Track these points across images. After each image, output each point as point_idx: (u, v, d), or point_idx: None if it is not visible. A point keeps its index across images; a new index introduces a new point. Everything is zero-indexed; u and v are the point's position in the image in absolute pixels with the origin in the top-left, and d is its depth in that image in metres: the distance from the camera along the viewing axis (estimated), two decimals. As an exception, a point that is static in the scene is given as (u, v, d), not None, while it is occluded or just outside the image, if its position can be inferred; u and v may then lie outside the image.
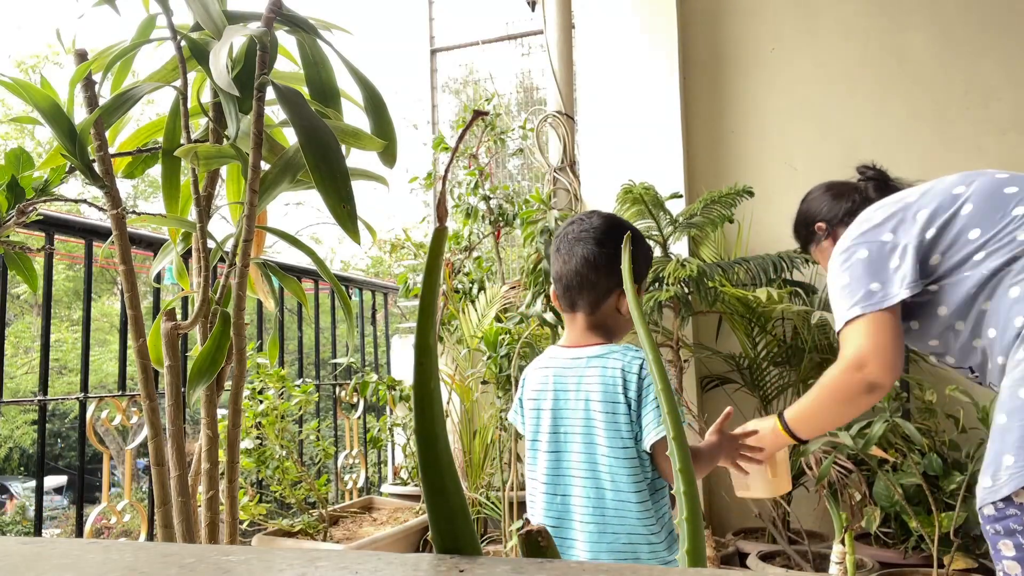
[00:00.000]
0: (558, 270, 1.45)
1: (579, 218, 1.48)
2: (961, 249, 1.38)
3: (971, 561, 2.04)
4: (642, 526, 1.32)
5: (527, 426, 1.46)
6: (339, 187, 1.03)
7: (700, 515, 0.50)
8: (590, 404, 1.37)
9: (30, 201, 1.12)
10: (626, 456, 1.33)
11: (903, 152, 2.91)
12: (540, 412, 1.43)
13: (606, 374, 1.35)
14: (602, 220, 1.46)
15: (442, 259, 0.45)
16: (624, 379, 1.33)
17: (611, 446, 1.33)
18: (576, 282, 1.42)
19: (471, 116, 0.74)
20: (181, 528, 1.15)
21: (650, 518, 1.33)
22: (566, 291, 1.44)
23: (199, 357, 1.16)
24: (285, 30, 1.21)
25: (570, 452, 1.38)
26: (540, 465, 1.42)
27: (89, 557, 0.42)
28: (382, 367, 3.80)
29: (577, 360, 1.41)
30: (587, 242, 1.42)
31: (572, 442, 1.38)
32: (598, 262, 1.40)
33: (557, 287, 1.47)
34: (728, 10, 3.20)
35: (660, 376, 0.53)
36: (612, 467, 1.33)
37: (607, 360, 1.37)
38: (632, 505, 1.32)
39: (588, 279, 1.41)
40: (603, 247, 1.41)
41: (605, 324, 1.43)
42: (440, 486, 0.41)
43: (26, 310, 13.24)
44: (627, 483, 1.32)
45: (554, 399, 1.41)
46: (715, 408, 2.96)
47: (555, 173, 3.26)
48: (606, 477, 1.34)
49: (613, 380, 1.34)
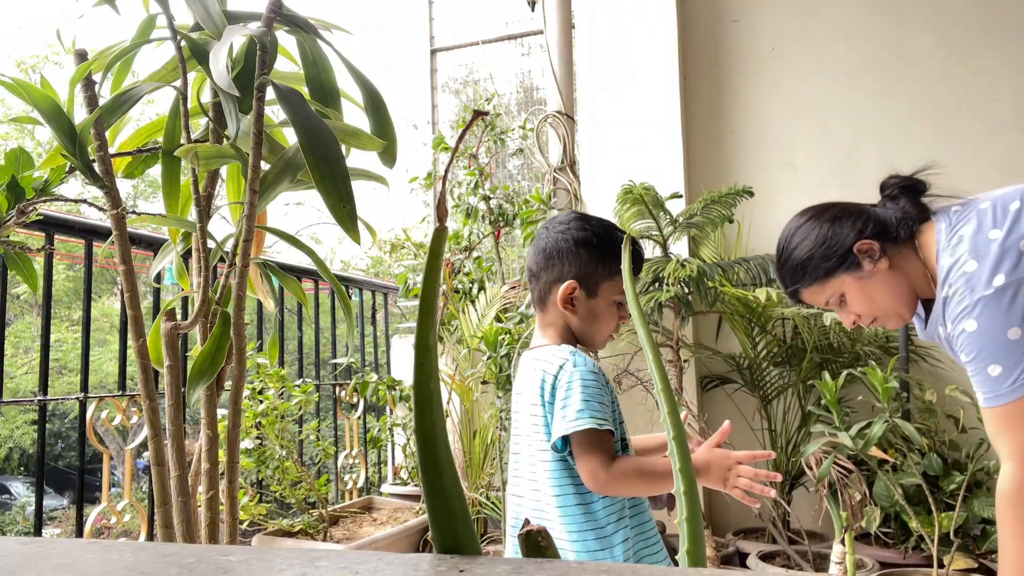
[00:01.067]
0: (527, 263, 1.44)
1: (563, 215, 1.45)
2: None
3: (971, 561, 2.04)
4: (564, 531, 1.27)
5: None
6: (339, 187, 1.03)
7: (700, 515, 0.50)
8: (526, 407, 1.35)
9: (30, 201, 1.12)
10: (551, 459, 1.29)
11: (903, 152, 2.91)
12: (513, 414, 1.45)
13: (535, 376, 1.32)
14: (570, 214, 1.42)
15: (442, 259, 0.45)
16: (543, 380, 1.29)
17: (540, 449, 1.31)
18: (529, 274, 1.40)
19: (471, 116, 0.74)
20: (181, 528, 1.15)
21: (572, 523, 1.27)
22: (529, 282, 1.43)
23: (199, 357, 1.16)
24: (285, 30, 1.21)
25: (522, 454, 1.38)
26: (511, 465, 1.43)
27: (89, 557, 0.42)
28: (382, 367, 3.80)
29: (527, 362, 1.39)
30: (544, 233, 1.40)
31: (519, 443, 1.39)
32: (546, 252, 1.36)
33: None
34: (728, 10, 3.21)
35: (660, 376, 0.53)
36: (536, 469, 1.32)
37: (538, 362, 1.33)
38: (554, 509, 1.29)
39: (531, 270, 1.39)
40: (550, 238, 1.37)
41: (558, 323, 1.37)
42: (440, 486, 0.41)
43: (26, 310, 13.24)
44: (549, 485, 1.29)
45: (515, 400, 1.43)
46: (715, 408, 2.96)
47: (555, 173, 3.26)
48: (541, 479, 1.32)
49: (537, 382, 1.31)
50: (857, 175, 2.97)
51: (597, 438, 1.23)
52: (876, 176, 2.96)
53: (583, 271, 1.35)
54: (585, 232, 1.37)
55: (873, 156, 2.96)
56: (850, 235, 1.46)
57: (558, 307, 1.36)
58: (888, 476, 2.08)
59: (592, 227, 1.38)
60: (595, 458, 1.21)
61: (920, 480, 1.98)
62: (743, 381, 2.78)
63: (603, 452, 1.22)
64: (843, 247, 1.45)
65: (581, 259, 1.35)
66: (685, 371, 2.68)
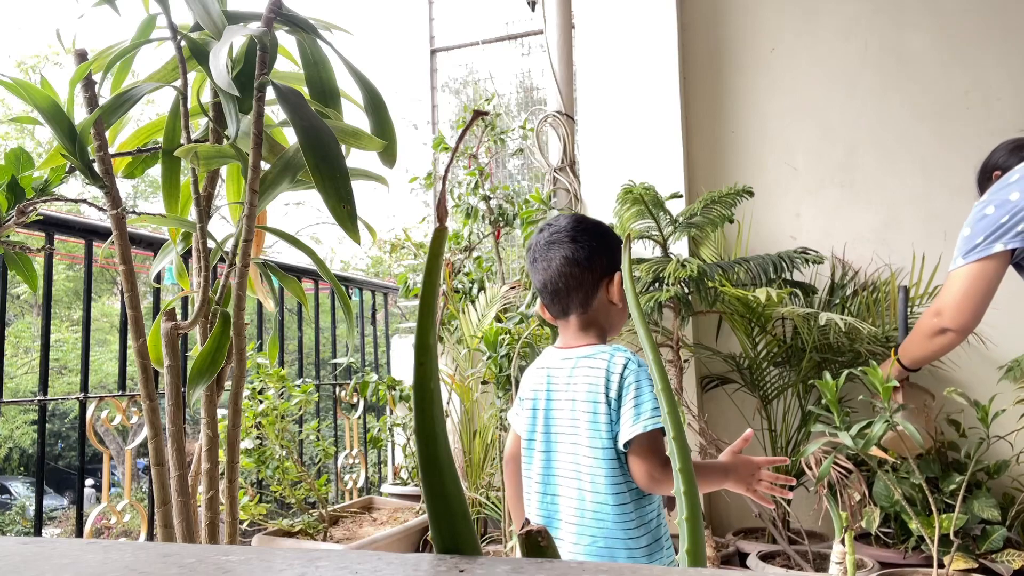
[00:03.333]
0: (541, 279, 1.44)
1: (545, 225, 1.48)
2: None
3: (971, 561, 2.04)
4: (620, 530, 1.30)
5: (524, 425, 1.46)
6: (339, 187, 1.03)
7: (700, 515, 0.50)
8: (576, 404, 1.36)
9: (30, 201, 1.12)
10: (606, 458, 1.31)
11: (903, 152, 2.91)
12: (535, 412, 1.44)
13: (591, 374, 1.35)
14: (569, 219, 1.46)
15: (442, 259, 0.45)
16: (607, 379, 1.32)
17: (592, 447, 1.33)
18: (563, 284, 1.41)
19: (471, 116, 0.74)
20: (181, 528, 1.15)
21: (629, 522, 1.30)
22: (555, 296, 1.43)
23: (199, 357, 1.16)
24: (285, 30, 1.21)
25: (559, 452, 1.39)
26: (535, 464, 1.42)
27: (89, 557, 0.42)
28: (382, 367, 3.79)
29: (567, 360, 1.41)
30: (562, 244, 1.42)
31: (561, 442, 1.39)
32: (578, 258, 1.40)
33: (544, 296, 1.46)
34: (728, 10, 3.21)
35: (660, 376, 0.53)
36: (592, 468, 1.32)
37: (593, 360, 1.36)
38: (610, 508, 1.30)
39: (574, 276, 1.40)
40: (578, 243, 1.41)
41: (598, 321, 1.42)
42: (440, 486, 0.41)
43: (26, 310, 13.24)
44: (606, 485, 1.31)
45: (547, 399, 1.42)
46: (715, 408, 2.96)
47: (555, 173, 3.26)
48: (586, 478, 1.33)
49: (596, 380, 1.34)
50: (857, 175, 2.98)
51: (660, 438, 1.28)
52: (876, 176, 2.97)
53: (615, 261, 1.43)
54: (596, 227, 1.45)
55: (873, 156, 2.96)
56: (997, 161, 1.97)
57: (606, 302, 1.41)
58: (888, 476, 2.08)
59: (593, 222, 1.47)
60: (657, 458, 1.27)
61: (920, 480, 1.98)
62: (743, 381, 2.78)
63: (662, 452, 1.28)
64: (989, 171, 1.98)
65: (610, 250, 1.43)
66: (685, 371, 2.68)
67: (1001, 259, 1.66)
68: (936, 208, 2.81)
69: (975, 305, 1.69)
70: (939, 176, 2.83)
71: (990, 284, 1.68)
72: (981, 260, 1.65)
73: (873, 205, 2.94)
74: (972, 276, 1.67)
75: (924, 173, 2.88)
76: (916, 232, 2.84)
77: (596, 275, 1.41)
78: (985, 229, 1.66)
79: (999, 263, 1.66)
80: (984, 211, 1.68)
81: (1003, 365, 2.55)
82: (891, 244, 2.88)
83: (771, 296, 2.26)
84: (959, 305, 1.70)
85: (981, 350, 2.65)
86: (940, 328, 1.76)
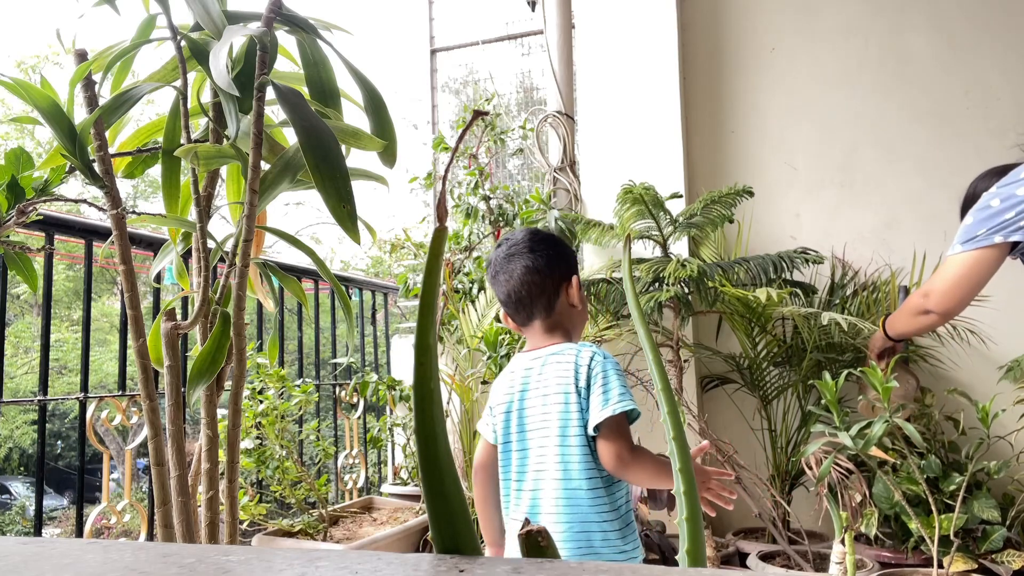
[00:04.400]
0: (505, 289, 1.53)
1: (504, 239, 1.59)
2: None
3: (971, 562, 2.04)
4: (594, 513, 1.38)
5: (498, 430, 1.53)
6: (339, 187, 1.03)
7: (700, 515, 0.50)
8: (547, 399, 1.44)
9: (30, 201, 1.12)
10: (578, 444, 1.39)
11: (903, 152, 2.91)
12: (509, 415, 1.51)
13: (560, 369, 1.44)
14: (524, 233, 1.58)
15: (442, 259, 0.45)
16: (575, 371, 1.41)
17: (562, 435, 1.41)
18: (526, 291, 1.51)
19: (471, 116, 0.74)
20: (181, 528, 1.15)
21: (602, 507, 1.38)
22: (519, 305, 1.53)
23: (199, 357, 1.16)
24: (285, 30, 1.20)
25: (533, 448, 1.46)
26: (513, 464, 1.49)
27: (89, 557, 0.42)
28: (382, 367, 3.79)
29: (536, 360, 1.49)
30: (521, 255, 1.52)
31: (533, 437, 1.46)
32: (538, 266, 1.50)
33: (507, 308, 1.56)
34: (728, 10, 3.21)
35: (660, 376, 0.53)
36: (564, 457, 1.40)
37: (562, 356, 1.45)
38: (583, 493, 1.38)
39: (536, 284, 1.50)
40: (536, 252, 1.52)
41: (562, 323, 1.52)
42: (440, 486, 0.41)
43: (26, 310, 13.24)
44: (578, 472, 1.39)
45: (519, 399, 1.50)
46: (715, 408, 2.96)
47: (555, 173, 3.26)
48: (560, 467, 1.40)
49: (566, 373, 1.42)
50: (857, 175, 2.97)
51: (627, 423, 1.38)
52: (876, 176, 2.97)
53: (572, 267, 1.56)
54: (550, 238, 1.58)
55: (873, 156, 2.96)
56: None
57: (567, 305, 1.52)
58: (888, 477, 2.08)
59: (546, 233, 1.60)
60: (624, 440, 1.35)
61: (921, 481, 1.98)
62: (743, 381, 2.78)
63: (629, 436, 1.37)
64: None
65: (566, 258, 1.55)
66: (685, 371, 2.68)
67: (999, 251, 1.68)
68: (936, 208, 2.81)
69: (963, 293, 1.72)
70: (939, 176, 2.83)
71: (983, 274, 1.70)
72: (978, 249, 1.68)
73: (873, 205, 2.94)
74: (967, 264, 1.70)
75: (924, 173, 2.88)
76: (916, 232, 2.84)
77: (555, 281, 1.51)
78: (988, 221, 1.68)
79: (996, 254, 1.68)
80: (989, 203, 1.70)
81: (1003, 365, 2.55)
82: (891, 244, 2.88)
83: (771, 296, 2.26)
84: (948, 291, 1.75)
85: (981, 350, 2.65)
86: (925, 309, 1.82)
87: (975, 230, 1.71)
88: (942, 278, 1.78)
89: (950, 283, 1.75)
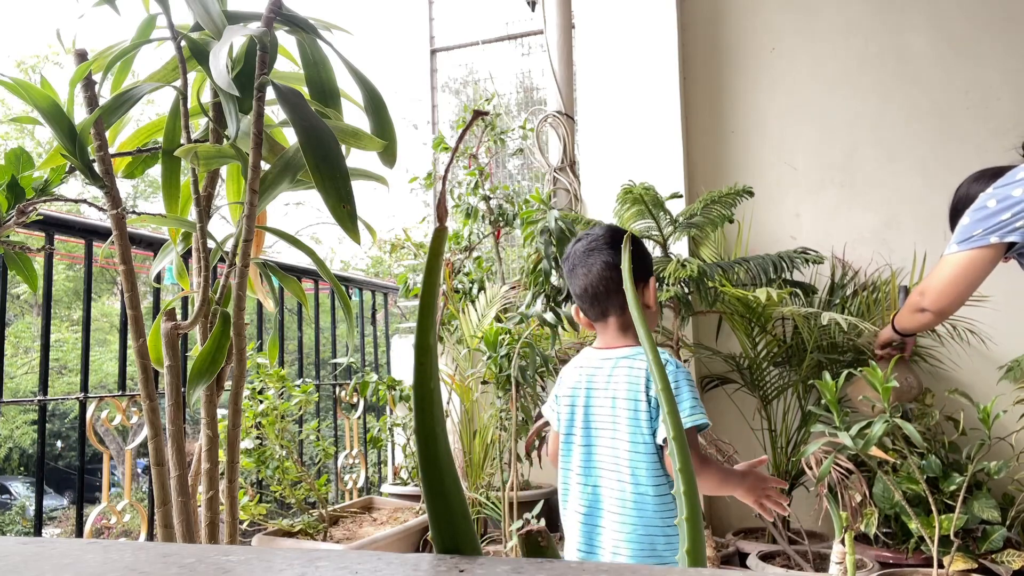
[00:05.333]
0: (581, 284, 1.54)
1: (584, 235, 1.59)
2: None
3: (971, 562, 2.04)
4: (659, 519, 1.40)
5: (562, 421, 1.56)
6: (339, 187, 1.03)
7: (700, 515, 0.50)
8: (616, 402, 1.46)
9: (30, 201, 1.12)
10: (646, 451, 1.41)
11: (903, 152, 2.91)
12: (574, 408, 1.53)
13: (632, 374, 1.46)
14: (605, 229, 1.57)
15: (442, 259, 0.45)
16: (647, 379, 1.43)
17: (633, 441, 1.43)
18: (603, 287, 1.51)
19: (471, 116, 0.74)
20: (181, 528, 1.15)
21: (669, 512, 1.41)
22: (595, 300, 1.53)
23: (199, 357, 1.16)
24: (285, 30, 1.20)
25: (600, 446, 1.49)
26: (575, 457, 1.52)
27: (89, 557, 0.42)
28: (382, 367, 3.79)
29: (607, 360, 1.51)
30: (601, 251, 1.52)
31: (601, 437, 1.49)
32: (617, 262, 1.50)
33: (583, 302, 1.56)
34: (728, 10, 3.21)
35: (660, 376, 0.53)
36: (633, 461, 1.42)
37: (634, 361, 1.47)
38: (650, 499, 1.41)
39: (614, 280, 1.50)
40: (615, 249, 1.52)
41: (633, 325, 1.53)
42: (440, 486, 0.41)
43: (26, 310, 13.25)
44: (646, 477, 1.41)
45: (586, 396, 1.52)
46: (715, 408, 2.96)
47: (555, 173, 3.26)
48: (628, 471, 1.43)
49: (637, 380, 1.44)
50: (857, 175, 2.97)
51: (696, 435, 1.41)
52: (876, 176, 2.97)
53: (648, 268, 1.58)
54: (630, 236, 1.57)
55: (873, 156, 2.96)
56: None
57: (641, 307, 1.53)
58: (889, 477, 2.08)
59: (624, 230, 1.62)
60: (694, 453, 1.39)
61: (921, 481, 1.98)
62: (743, 381, 2.78)
63: (698, 448, 1.42)
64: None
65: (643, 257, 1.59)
66: (685, 371, 2.68)
67: (994, 251, 1.69)
68: (936, 208, 2.80)
69: (958, 292, 1.75)
70: (939, 176, 2.83)
71: (978, 274, 1.72)
72: (974, 249, 1.69)
73: (873, 205, 2.94)
74: (962, 264, 1.72)
75: (924, 173, 2.88)
76: (916, 232, 2.84)
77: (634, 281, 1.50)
78: (984, 221, 1.70)
79: (991, 255, 1.69)
80: (986, 203, 1.71)
81: (1003, 365, 2.55)
82: (891, 244, 2.88)
83: (771, 296, 2.26)
84: (942, 290, 1.77)
85: (981, 350, 2.65)
86: (920, 307, 1.85)
87: (971, 230, 1.72)
88: (938, 277, 1.80)
89: (945, 282, 1.76)
